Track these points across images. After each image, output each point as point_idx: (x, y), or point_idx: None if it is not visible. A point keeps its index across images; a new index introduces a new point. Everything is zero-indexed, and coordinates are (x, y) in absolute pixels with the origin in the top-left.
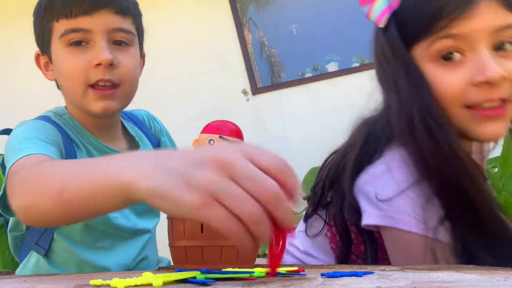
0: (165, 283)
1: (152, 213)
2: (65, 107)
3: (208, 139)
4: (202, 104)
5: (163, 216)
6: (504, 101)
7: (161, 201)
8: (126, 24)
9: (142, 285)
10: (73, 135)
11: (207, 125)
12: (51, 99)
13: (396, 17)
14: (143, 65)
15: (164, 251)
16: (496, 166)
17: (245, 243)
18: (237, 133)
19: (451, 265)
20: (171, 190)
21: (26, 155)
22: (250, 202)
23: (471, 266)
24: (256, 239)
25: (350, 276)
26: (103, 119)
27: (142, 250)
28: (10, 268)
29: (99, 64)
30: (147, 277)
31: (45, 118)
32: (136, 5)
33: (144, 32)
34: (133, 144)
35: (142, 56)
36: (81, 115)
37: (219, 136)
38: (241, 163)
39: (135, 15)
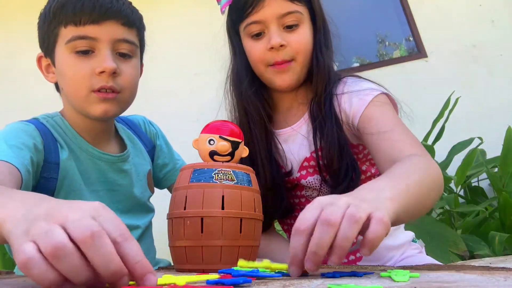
0: (188, 283)
1: (140, 211)
2: (60, 111)
3: (208, 139)
4: (202, 104)
5: (163, 217)
6: (289, 61)
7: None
8: (131, 35)
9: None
10: (58, 136)
11: (207, 125)
12: (51, 99)
13: (229, 8)
14: (141, 74)
15: (164, 251)
16: (496, 166)
17: (42, 278)
18: (237, 133)
19: (451, 264)
20: (14, 237)
21: None
22: (54, 239)
23: (471, 266)
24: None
25: (350, 276)
26: (98, 123)
27: None
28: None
29: (102, 72)
30: (168, 278)
31: (32, 120)
32: (141, 18)
33: (145, 44)
34: (125, 147)
35: (141, 65)
36: (76, 118)
37: (219, 136)
38: (75, 216)
39: (140, 28)
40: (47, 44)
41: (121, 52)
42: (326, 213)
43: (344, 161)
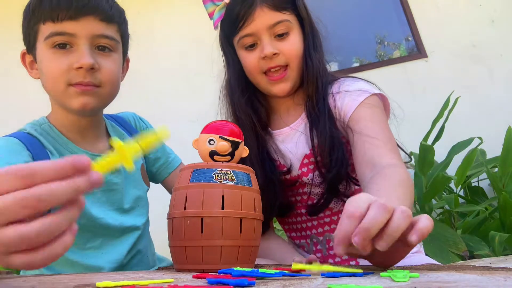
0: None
1: (139, 210)
2: (47, 116)
3: (208, 139)
4: (202, 104)
5: (163, 217)
6: (284, 67)
7: None
8: (110, 31)
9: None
10: (48, 144)
11: (207, 125)
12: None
13: (221, 22)
14: (127, 69)
15: (164, 251)
16: (496, 166)
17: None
18: (237, 133)
19: (451, 264)
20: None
21: None
22: (7, 236)
23: (471, 266)
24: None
25: (350, 276)
26: (83, 118)
27: (134, 246)
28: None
29: (80, 68)
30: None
31: (16, 133)
32: (121, 13)
33: (129, 39)
34: None
35: (126, 60)
36: (63, 117)
37: (219, 136)
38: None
39: (120, 23)
40: (29, 41)
41: (101, 46)
42: (380, 201)
43: (335, 154)
